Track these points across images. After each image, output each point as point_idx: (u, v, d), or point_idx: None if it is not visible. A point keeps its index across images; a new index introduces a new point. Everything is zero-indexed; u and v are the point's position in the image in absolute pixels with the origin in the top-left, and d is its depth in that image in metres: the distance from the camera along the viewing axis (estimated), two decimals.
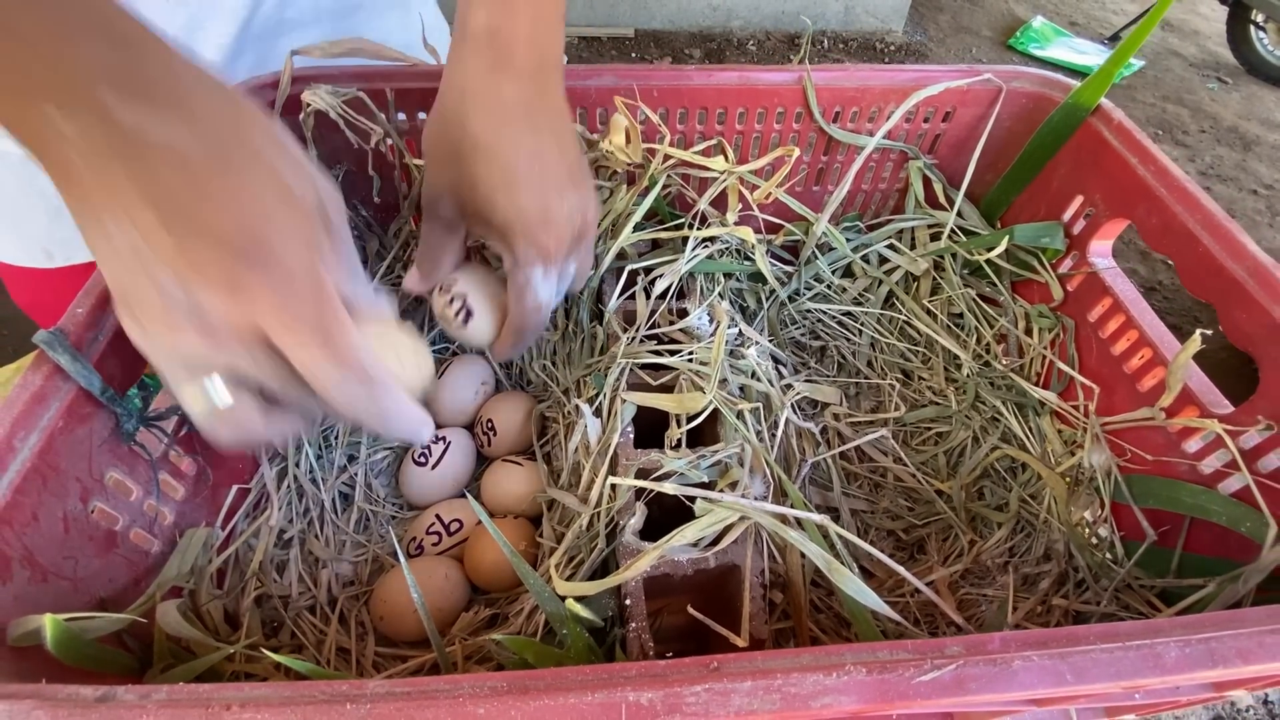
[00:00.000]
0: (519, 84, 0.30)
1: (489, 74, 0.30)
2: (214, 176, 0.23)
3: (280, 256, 0.23)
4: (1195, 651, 0.21)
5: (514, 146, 0.30)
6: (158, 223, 0.22)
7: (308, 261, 0.24)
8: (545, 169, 0.31)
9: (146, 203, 0.22)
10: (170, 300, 0.23)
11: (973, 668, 0.20)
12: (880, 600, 0.26)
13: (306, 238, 0.24)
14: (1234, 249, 0.35)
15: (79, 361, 0.27)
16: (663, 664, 0.20)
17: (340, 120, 0.40)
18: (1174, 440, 0.37)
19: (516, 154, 0.30)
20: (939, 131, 0.48)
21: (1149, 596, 0.37)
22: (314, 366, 0.24)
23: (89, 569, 0.28)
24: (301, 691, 0.19)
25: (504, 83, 0.30)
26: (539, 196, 0.31)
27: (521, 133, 0.30)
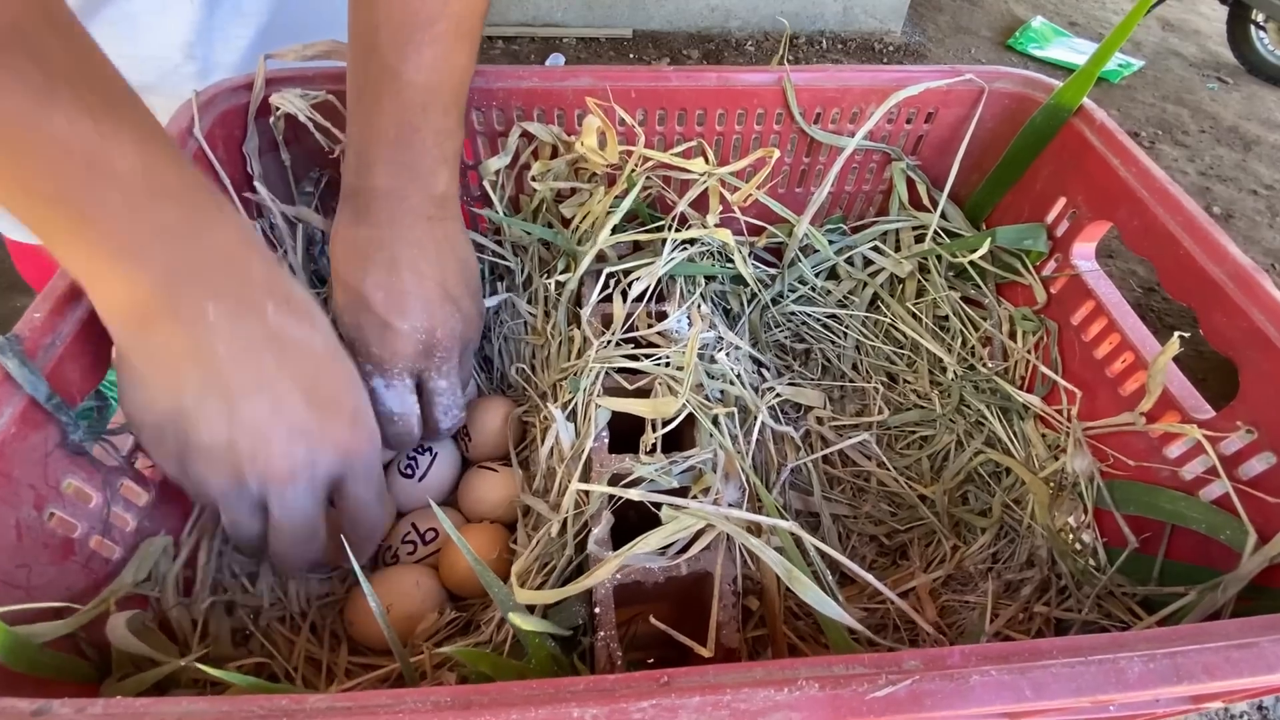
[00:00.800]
0: (374, 230, 0.36)
1: (351, 226, 0.37)
2: (333, 363, 0.33)
3: (368, 424, 0.35)
4: (1160, 666, 0.20)
5: (360, 277, 0.36)
6: (301, 398, 0.31)
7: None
8: (390, 295, 0.36)
9: (294, 384, 0.30)
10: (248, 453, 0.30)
11: (929, 683, 0.19)
12: (839, 609, 0.25)
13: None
14: (1214, 252, 0.34)
15: (26, 367, 0.26)
16: (612, 678, 0.20)
17: (309, 123, 0.39)
18: (1156, 445, 0.37)
19: (361, 284, 0.36)
20: (922, 132, 0.48)
21: (1131, 604, 0.36)
22: (363, 506, 0.34)
23: (44, 577, 0.27)
24: (240, 706, 0.19)
25: (360, 229, 0.36)
26: (377, 317, 0.36)
27: (371, 267, 0.36)
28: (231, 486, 0.30)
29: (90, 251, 0.26)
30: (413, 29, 0.33)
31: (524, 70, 0.43)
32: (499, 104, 0.43)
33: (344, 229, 0.37)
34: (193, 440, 0.29)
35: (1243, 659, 0.20)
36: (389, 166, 0.36)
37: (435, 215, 0.37)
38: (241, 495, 0.30)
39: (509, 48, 2.30)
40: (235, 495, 0.30)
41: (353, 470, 0.33)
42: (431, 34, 0.33)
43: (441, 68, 0.34)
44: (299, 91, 0.39)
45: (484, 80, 0.43)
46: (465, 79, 0.36)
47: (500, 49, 2.29)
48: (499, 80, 0.43)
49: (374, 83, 0.34)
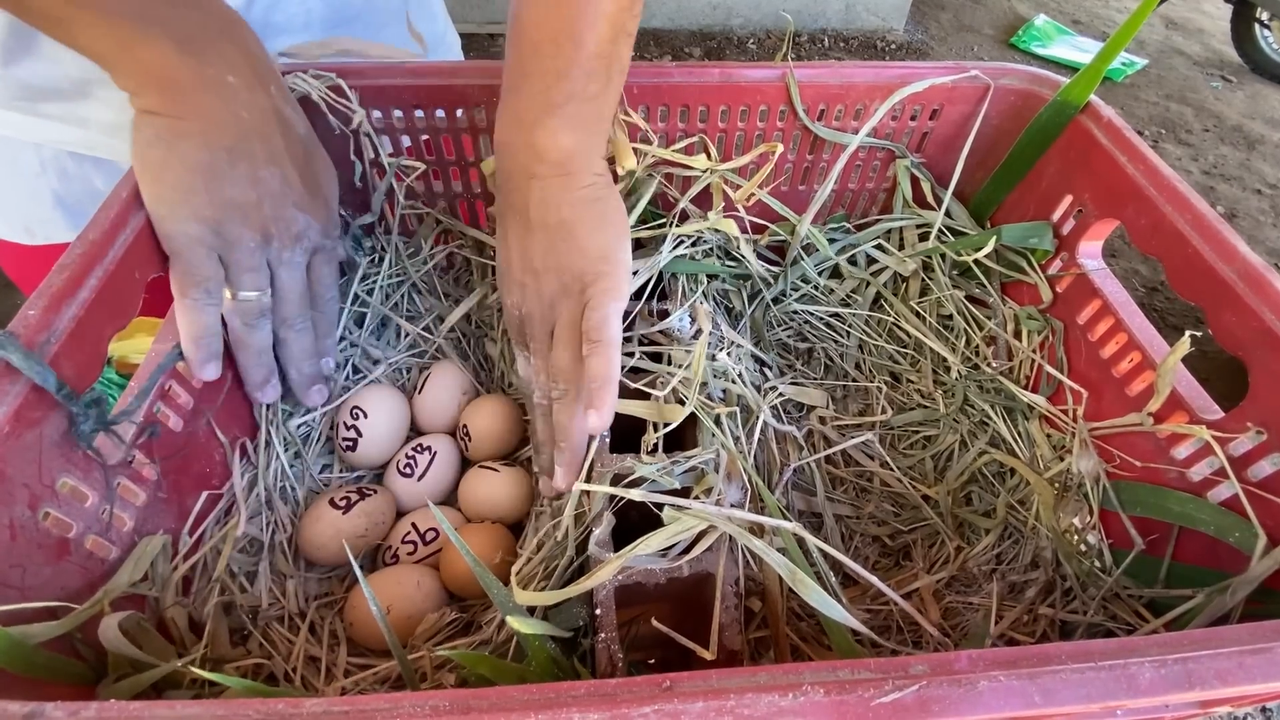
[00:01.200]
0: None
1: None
2: (316, 149, 0.40)
3: (336, 210, 0.42)
4: (1171, 672, 0.20)
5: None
6: (298, 176, 0.37)
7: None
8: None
9: (293, 162, 0.37)
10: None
11: (936, 689, 0.19)
12: (844, 611, 0.25)
13: None
14: (1224, 250, 0.34)
15: (31, 359, 0.26)
16: (613, 683, 0.20)
17: (322, 103, 0.40)
18: (1163, 446, 0.36)
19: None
20: (926, 129, 0.47)
21: (1137, 606, 0.36)
22: (330, 284, 0.41)
23: (39, 578, 0.27)
24: (235, 711, 0.19)
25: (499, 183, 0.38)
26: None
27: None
28: (260, 243, 0.36)
29: (113, 22, 0.31)
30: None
31: None
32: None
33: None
34: (227, 195, 0.34)
35: (1255, 664, 0.20)
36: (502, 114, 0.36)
37: (540, 173, 0.35)
38: (265, 252, 0.36)
39: None
40: (261, 252, 0.36)
41: (326, 248, 0.39)
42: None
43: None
44: (312, 73, 0.39)
45: (488, 77, 0.42)
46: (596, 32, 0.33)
47: (501, 47, 2.28)
48: (499, 76, 0.42)
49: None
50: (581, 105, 0.34)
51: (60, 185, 0.46)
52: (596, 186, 0.36)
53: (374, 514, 0.40)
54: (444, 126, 0.44)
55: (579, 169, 0.35)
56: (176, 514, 0.35)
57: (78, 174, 0.46)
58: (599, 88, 0.34)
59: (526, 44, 0.34)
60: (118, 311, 0.31)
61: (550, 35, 0.33)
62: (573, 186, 0.35)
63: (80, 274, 0.30)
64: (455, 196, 0.49)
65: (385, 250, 0.48)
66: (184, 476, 0.36)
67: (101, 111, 0.43)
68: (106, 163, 0.46)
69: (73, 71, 0.41)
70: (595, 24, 0.33)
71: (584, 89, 0.34)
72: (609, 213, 0.36)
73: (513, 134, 0.35)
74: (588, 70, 0.34)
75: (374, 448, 0.43)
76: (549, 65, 0.33)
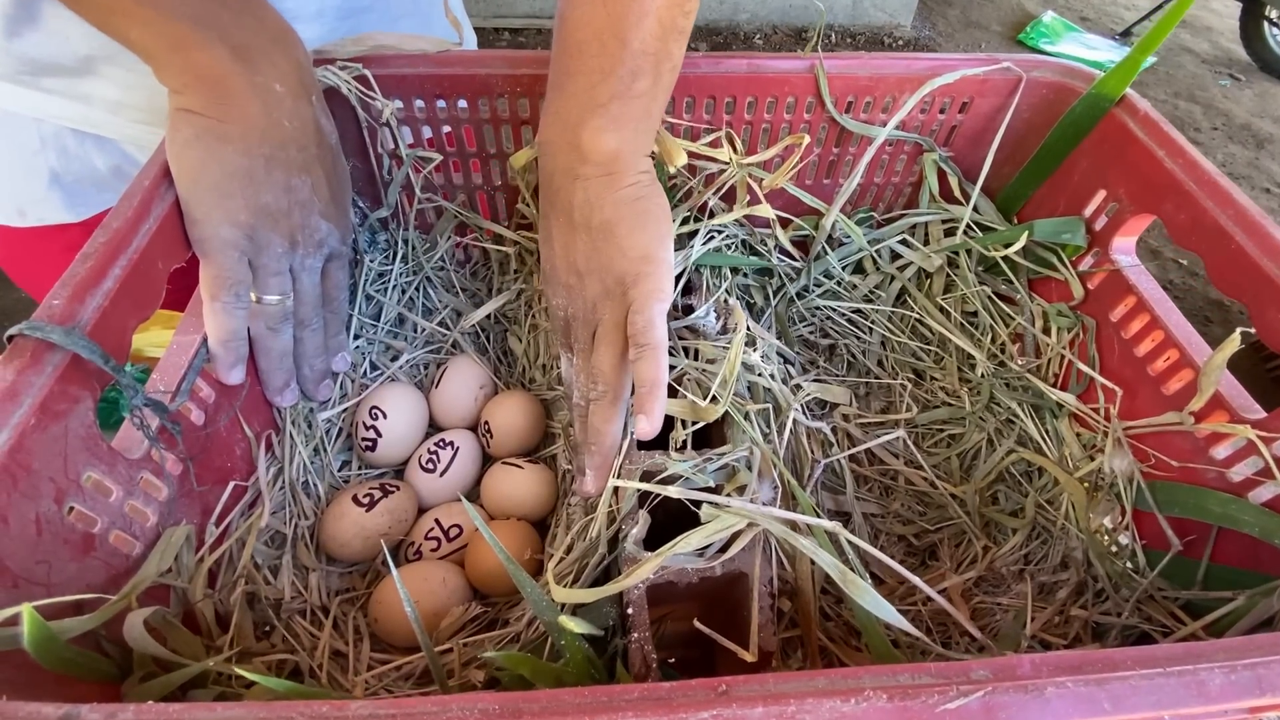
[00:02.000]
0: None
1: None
2: (341, 160, 0.40)
3: (352, 220, 0.43)
4: (1241, 678, 0.19)
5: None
6: (326, 185, 0.38)
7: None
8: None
9: (323, 171, 0.38)
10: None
11: (1002, 695, 0.19)
12: (897, 613, 0.24)
13: None
14: (1269, 246, 0.33)
15: (73, 334, 0.26)
16: (667, 686, 0.19)
17: (351, 95, 0.39)
18: (1201, 446, 0.36)
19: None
20: (955, 123, 0.47)
21: (1173, 608, 0.35)
22: (343, 288, 0.42)
23: (64, 574, 0.26)
24: (278, 713, 0.18)
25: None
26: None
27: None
28: (287, 249, 0.37)
29: (171, 22, 0.32)
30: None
31: (549, 55, 0.42)
32: (524, 90, 0.42)
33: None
34: (261, 201, 0.35)
35: None
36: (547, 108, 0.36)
37: (584, 174, 0.35)
38: (290, 258, 0.37)
39: (515, 39, 2.28)
40: (287, 258, 0.37)
41: (341, 254, 0.40)
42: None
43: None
44: (339, 65, 0.39)
45: (509, 67, 0.42)
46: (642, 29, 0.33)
47: (507, 40, 2.27)
48: (524, 66, 0.42)
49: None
50: (627, 104, 0.34)
51: (59, 163, 0.45)
52: (640, 185, 0.35)
53: (397, 511, 0.39)
54: (465, 117, 0.44)
55: (623, 168, 0.35)
56: (198, 509, 0.35)
57: (78, 152, 0.45)
58: (646, 86, 0.34)
59: (571, 42, 0.33)
60: (142, 302, 0.31)
61: (595, 33, 0.32)
62: (616, 186, 0.35)
63: (105, 263, 0.29)
64: (475, 189, 0.48)
65: (403, 245, 0.48)
66: (206, 471, 0.35)
67: (105, 89, 0.42)
68: (108, 141, 0.45)
69: (79, 48, 0.40)
70: (642, 21, 0.32)
71: (629, 88, 0.33)
72: (651, 210, 0.35)
73: (556, 133, 0.35)
74: (633, 69, 0.33)
75: (393, 447, 0.42)
76: (593, 64, 0.33)
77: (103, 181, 0.47)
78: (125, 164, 0.46)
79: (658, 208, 0.36)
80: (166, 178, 0.33)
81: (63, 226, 0.47)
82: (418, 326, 0.48)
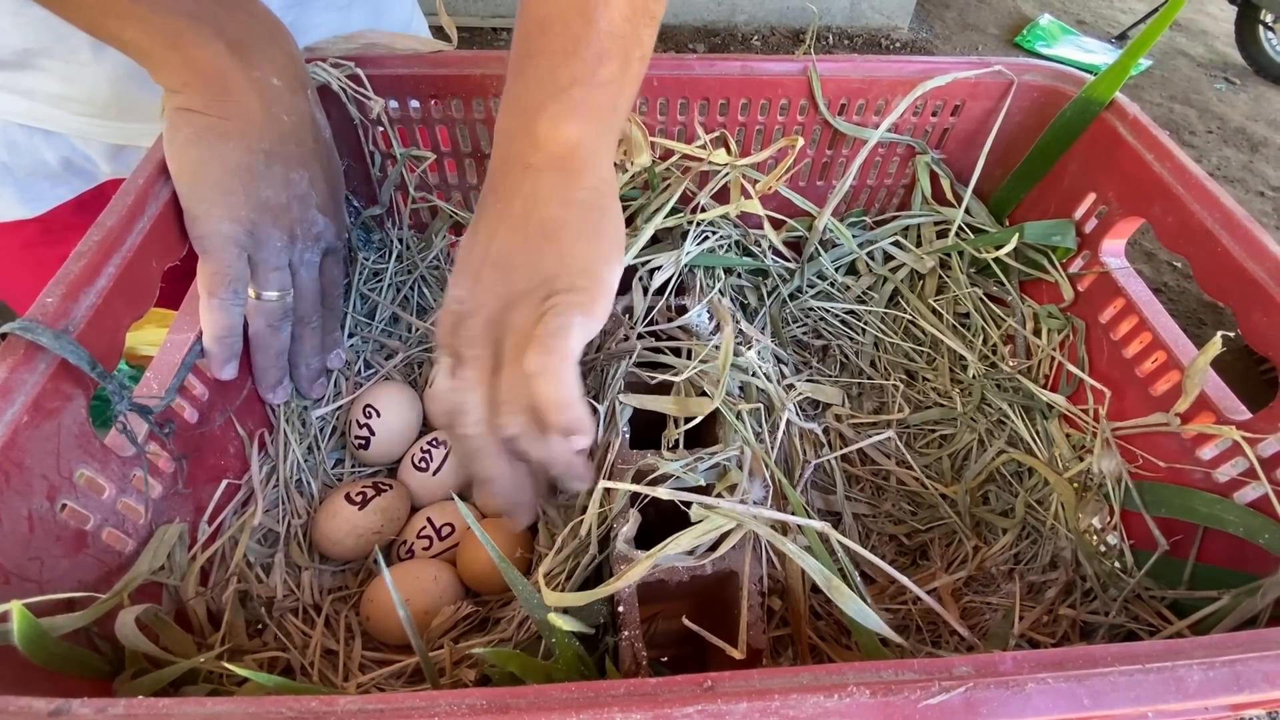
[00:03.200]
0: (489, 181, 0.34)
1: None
2: (334, 155, 0.40)
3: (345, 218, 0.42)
4: (1219, 675, 0.20)
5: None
6: (322, 180, 0.38)
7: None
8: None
9: (319, 166, 0.38)
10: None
11: (983, 690, 0.19)
12: (882, 622, 0.25)
13: None
14: (1254, 249, 0.33)
15: (63, 339, 0.26)
16: (653, 682, 0.19)
17: (342, 93, 0.39)
18: (1188, 447, 0.36)
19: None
20: (947, 125, 0.47)
21: (1159, 608, 0.36)
22: (339, 283, 0.42)
23: (56, 570, 0.26)
24: (268, 708, 0.18)
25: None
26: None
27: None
28: (285, 242, 0.36)
29: (167, 19, 0.31)
30: None
31: None
32: None
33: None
34: (261, 197, 0.34)
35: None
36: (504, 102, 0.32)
37: (536, 164, 0.31)
38: (289, 253, 0.37)
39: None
40: (286, 252, 0.37)
41: (337, 249, 0.40)
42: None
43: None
44: (330, 62, 0.39)
45: (501, 66, 0.42)
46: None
47: (504, 41, 2.27)
48: None
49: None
50: (590, 91, 0.30)
51: (9, 157, 0.45)
52: (597, 191, 0.31)
53: (389, 509, 0.39)
54: (460, 117, 0.44)
55: (582, 166, 0.31)
56: (191, 507, 0.35)
57: (27, 145, 0.45)
58: (612, 73, 0.30)
59: (533, 21, 0.30)
60: (136, 300, 0.31)
61: (559, 10, 0.29)
62: (570, 186, 0.31)
63: (98, 262, 0.29)
64: (470, 189, 0.48)
65: (397, 243, 0.48)
66: (199, 469, 0.35)
67: (46, 82, 0.42)
68: (56, 135, 0.45)
69: (14, 41, 0.39)
70: (609, 0, 0.29)
71: (594, 72, 0.30)
72: (605, 223, 0.31)
73: (512, 120, 0.31)
74: (599, 51, 0.29)
75: (386, 445, 0.43)
76: (556, 43, 0.29)
77: (54, 175, 0.46)
78: (74, 156, 0.46)
79: (612, 223, 0.32)
80: (161, 176, 0.34)
81: (19, 223, 0.47)
82: (411, 326, 0.48)
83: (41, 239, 0.49)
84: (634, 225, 0.44)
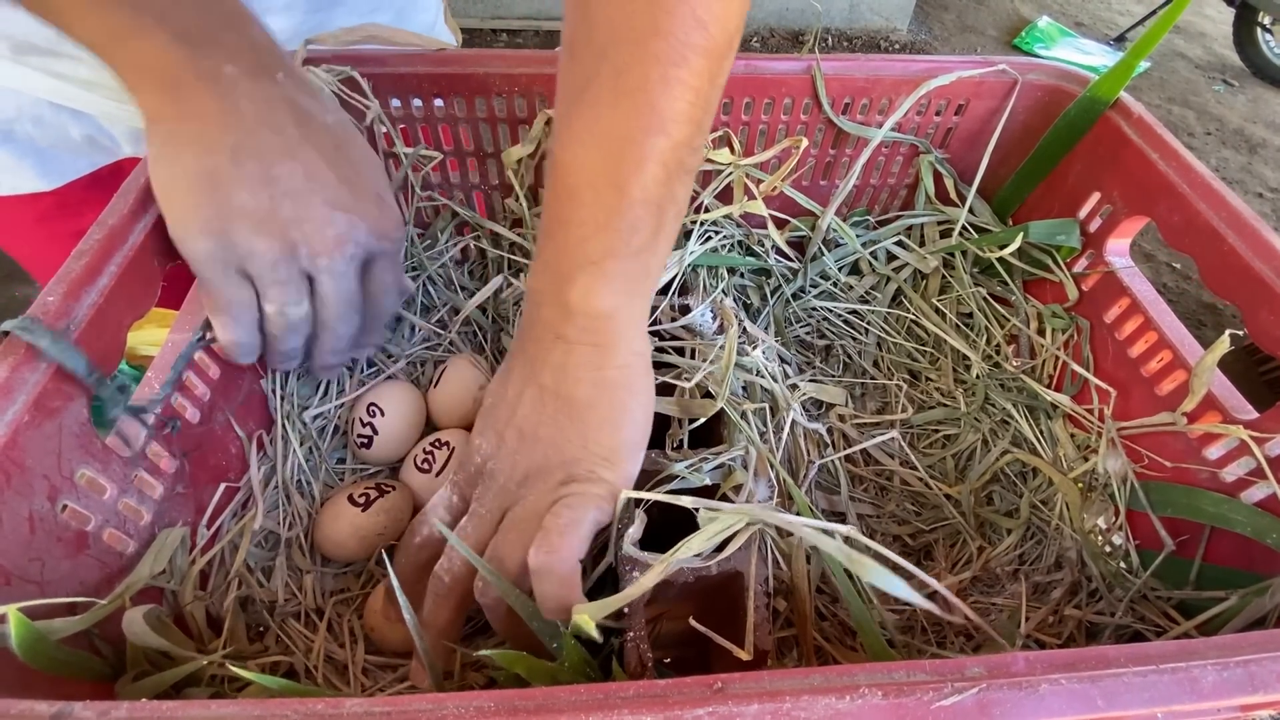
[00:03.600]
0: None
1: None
2: (351, 140, 0.35)
3: (394, 206, 0.36)
4: (1234, 675, 0.19)
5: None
6: (329, 170, 0.33)
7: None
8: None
9: (319, 154, 0.32)
10: (277, 214, 0.31)
11: (996, 691, 0.19)
12: (908, 588, 0.23)
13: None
14: (1261, 248, 0.33)
15: (60, 342, 0.25)
16: (662, 684, 0.19)
17: (335, 99, 0.39)
18: (1194, 446, 0.36)
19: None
20: (951, 125, 0.47)
21: (1166, 608, 0.35)
22: (387, 291, 0.36)
23: (57, 572, 0.26)
24: (272, 710, 0.18)
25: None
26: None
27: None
28: (281, 253, 0.31)
29: (108, 11, 0.29)
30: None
31: (548, 55, 0.42)
32: (521, 90, 0.42)
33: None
34: (235, 203, 0.30)
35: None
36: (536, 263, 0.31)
37: (568, 336, 0.30)
38: (291, 263, 0.32)
39: (513, 41, 2.28)
40: (286, 264, 0.32)
41: (384, 251, 0.35)
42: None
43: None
44: (325, 67, 0.38)
45: (505, 65, 0.42)
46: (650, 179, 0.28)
47: (504, 42, 2.27)
48: (521, 65, 0.42)
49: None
50: (623, 262, 0.29)
51: (35, 130, 0.45)
52: (630, 370, 0.31)
53: (393, 511, 0.39)
54: (463, 116, 0.44)
55: (614, 340, 0.30)
56: (193, 508, 0.35)
57: (54, 121, 0.45)
58: (645, 239, 0.29)
59: (563, 188, 0.29)
60: (137, 300, 0.31)
61: (589, 180, 0.28)
62: (602, 364, 0.30)
63: (100, 260, 0.29)
64: (473, 188, 0.48)
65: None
66: (200, 470, 0.35)
67: (77, 69, 0.42)
68: (85, 116, 0.45)
69: (50, 30, 0.40)
70: (642, 166, 0.27)
71: (627, 243, 0.29)
72: (634, 410, 0.31)
73: (544, 283, 0.31)
74: (632, 221, 0.28)
75: (389, 445, 0.42)
76: (587, 214, 0.28)
77: (77, 149, 0.47)
78: (99, 135, 0.46)
79: (641, 407, 0.31)
80: None
81: (35, 195, 0.47)
82: (415, 326, 0.48)
83: (56, 212, 0.48)
84: None
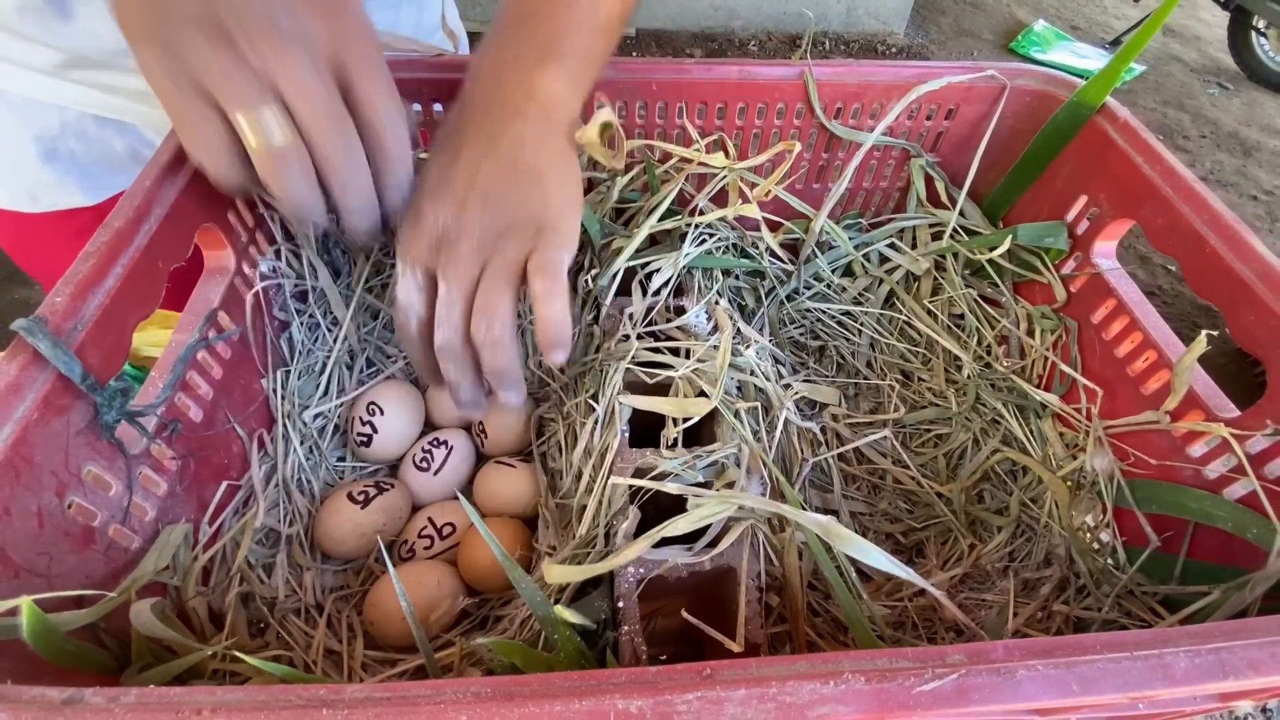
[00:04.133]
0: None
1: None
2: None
3: (356, 11, 0.31)
4: (1205, 662, 0.20)
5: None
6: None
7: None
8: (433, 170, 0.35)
9: None
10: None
11: (975, 677, 0.19)
12: (883, 554, 0.24)
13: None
14: (1242, 250, 0.34)
15: (59, 348, 0.26)
16: (653, 670, 0.20)
17: None
18: (1178, 444, 0.36)
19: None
20: (942, 129, 0.48)
21: (1151, 603, 0.36)
22: (379, 104, 0.32)
23: (64, 566, 0.27)
24: (277, 696, 0.19)
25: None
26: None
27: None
28: (231, 61, 0.27)
29: None
30: None
31: None
32: None
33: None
34: (170, 4, 0.27)
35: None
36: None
37: (526, 113, 0.34)
38: (246, 72, 0.27)
39: None
40: (239, 72, 0.27)
41: (354, 58, 0.30)
42: None
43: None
44: None
45: None
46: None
47: None
48: None
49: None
50: (581, 63, 0.35)
51: (79, 146, 0.46)
52: (570, 140, 0.36)
53: (391, 509, 0.39)
54: None
55: (561, 118, 0.35)
56: (196, 505, 0.35)
57: (98, 136, 0.46)
58: (601, 51, 0.36)
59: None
60: (142, 300, 0.31)
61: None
62: (552, 134, 0.35)
63: (106, 262, 0.30)
64: None
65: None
66: (204, 467, 0.35)
67: (130, 80, 0.43)
68: (130, 127, 0.46)
69: (108, 44, 0.41)
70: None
71: (589, 49, 0.35)
72: (575, 170, 0.36)
73: (505, 69, 0.35)
74: (594, 31, 0.35)
75: (388, 444, 0.43)
76: (562, 16, 0.34)
77: (119, 163, 0.48)
78: (141, 146, 0.48)
79: (577, 168, 0.36)
80: (167, 177, 0.34)
81: (74, 211, 0.48)
82: None
83: (93, 227, 0.49)
84: (633, 225, 0.45)
